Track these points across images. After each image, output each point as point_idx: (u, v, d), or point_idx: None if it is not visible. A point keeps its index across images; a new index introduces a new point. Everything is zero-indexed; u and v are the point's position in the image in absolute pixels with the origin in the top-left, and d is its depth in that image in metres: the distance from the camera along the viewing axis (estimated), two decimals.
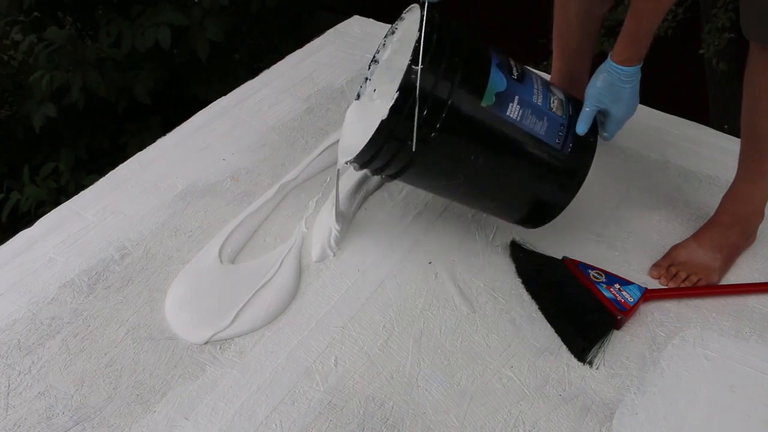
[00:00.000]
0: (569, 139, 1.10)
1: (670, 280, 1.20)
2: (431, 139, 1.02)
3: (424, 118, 1.00)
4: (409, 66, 0.97)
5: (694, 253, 1.22)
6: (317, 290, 1.17)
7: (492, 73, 1.03)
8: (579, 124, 1.10)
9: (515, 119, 1.05)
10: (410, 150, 1.02)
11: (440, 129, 1.02)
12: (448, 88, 1.00)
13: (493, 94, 1.03)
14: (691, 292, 1.18)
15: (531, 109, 1.06)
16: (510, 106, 1.04)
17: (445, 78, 1.00)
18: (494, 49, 1.08)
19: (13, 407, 0.98)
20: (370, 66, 1.18)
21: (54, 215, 1.28)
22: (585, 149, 1.11)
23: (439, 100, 1.00)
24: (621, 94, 1.07)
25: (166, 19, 2.36)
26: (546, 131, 1.07)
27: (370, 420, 0.98)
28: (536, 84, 1.09)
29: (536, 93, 1.07)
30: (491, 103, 1.03)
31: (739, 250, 1.24)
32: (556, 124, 1.08)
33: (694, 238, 1.24)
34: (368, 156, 1.06)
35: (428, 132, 1.02)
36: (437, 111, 1.01)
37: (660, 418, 1.00)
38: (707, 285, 1.20)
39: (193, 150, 1.46)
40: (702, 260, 1.21)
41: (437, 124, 1.01)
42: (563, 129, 1.09)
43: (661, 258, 1.24)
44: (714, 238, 1.22)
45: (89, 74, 2.33)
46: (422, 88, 0.98)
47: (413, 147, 1.01)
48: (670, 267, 1.21)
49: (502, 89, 1.04)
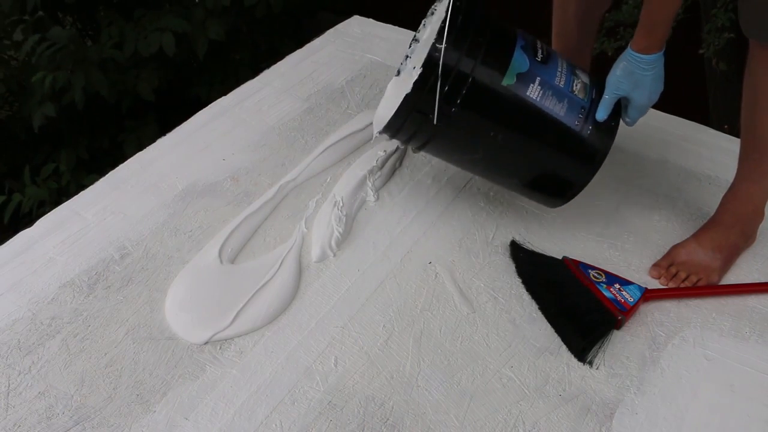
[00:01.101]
0: (589, 122, 1.12)
1: (670, 279, 1.20)
2: (452, 113, 1.08)
3: (446, 94, 1.06)
4: (433, 44, 1.03)
5: (694, 253, 1.22)
6: (317, 290, 1.17)
7: (516, 54, 1.08)
8: (599, 111, 1.12)
9: (535, 99, 1.08)
10: (432, 123, 1.07)
11: (461, 105, 1.07)
12: (470, 66, 1.06)
13: (515, 74, 1.07)
14: (690, 292, 1.18)
15: (552, 90, 1.09)
16: (531, 86, 1.08)
17: (468, 56, 1.06)
18: (522, 33, 1.12)
19: (13, 407, 0.98)
20: (411, 44, 1.21)
21: (54, 215, 1.28)
22: (605, 133, 1.14)
23: (460, 77, 1.06)
24: (641, 81, 1.08)
25: (170, 24, 2.36)
26: (566, 113, 1.10)
27: (370, 420, 0.98)
28: (561, 67, 1.12)
29: (559, 75, 1.11)
30: (512, 83, 1.07)
31: (739, 250, 1.24)
32: (577, 107, 1.11)
33: (695, 237, 1.24)
34: (394, 128, 1.13)
35: (449, 107, 1.07)
36: (458, 87, 1.06)
37: (660, 418, 1.00)
38: (707, 285, 1.20)
39: (193, 150, 1.46)
40: (702, 260, 1.21)
41: (458, 100, 1.06)
42: (584, 111, 1.12)
43: (661, 258, 1.24)
44: (714, 238, 1.22)
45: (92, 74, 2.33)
46: (445, 64, 1.04)
47: (434, 120, 1.06)
48: (670, 267, 1.21)
49: (524, 70, 1.08)
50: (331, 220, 1.27)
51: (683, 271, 1.20)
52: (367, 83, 1.66)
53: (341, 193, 1.34)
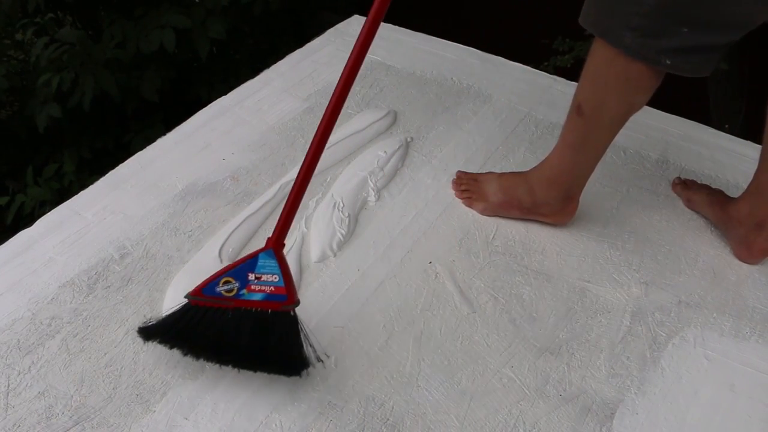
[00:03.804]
0: None
1: (458, 189, 1.36)
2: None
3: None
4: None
5: (488, 183, 1.32)
6: (317, 290, 1.17)
7: None
8: None
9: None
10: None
11: None
12: None
13: None
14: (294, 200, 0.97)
15: None
16: None
17: None
18: None
19: (12, 407, 0.98)
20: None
21: (54, 215, 1.28)
22: None
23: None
24: None
25: (171, 21, 2.36)
26: None
27: (370, 420, 0.98)
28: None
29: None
30: None
31: (520, 204, 1.28)
32: None
33: (501, 174, 1.34)
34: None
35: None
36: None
37: (660, 418, 1.00)
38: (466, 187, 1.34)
39: (193, 149, 1.46)
40: (488, 189, 1.31)
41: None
42: None
43: (473, 172, 1.38)
44: (510, 183, 1.30)
45: (100, 75, 2.34)
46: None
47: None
48: (470, 181, 1.35)
49: None
50: (332, 221, 1.27)
51: (471, 190, 1.33)
52: (367, 83, 1.66)
53: (341, 194, 1.34)
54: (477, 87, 1.68)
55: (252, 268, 0.94)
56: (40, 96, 2.39)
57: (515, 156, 1.48)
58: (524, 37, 2.61)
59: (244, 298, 0.93)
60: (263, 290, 0.93)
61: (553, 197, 1.25)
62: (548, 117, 1.58)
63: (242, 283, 0.93)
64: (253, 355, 0.96)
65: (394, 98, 1.62)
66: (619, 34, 1.03)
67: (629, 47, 1.03)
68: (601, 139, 1.17)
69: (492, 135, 1.53)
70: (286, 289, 0.93)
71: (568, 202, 1.26)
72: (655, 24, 1.00)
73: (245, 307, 0.93)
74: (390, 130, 1.52)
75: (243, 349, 0.95)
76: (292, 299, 0.94)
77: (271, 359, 0.96)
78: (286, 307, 0.93)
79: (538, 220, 1.29)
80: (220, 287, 0.94)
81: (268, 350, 0.95)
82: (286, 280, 0.93)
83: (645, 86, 1.08)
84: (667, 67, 1.03)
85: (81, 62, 2.34)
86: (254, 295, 0.92)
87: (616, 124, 1.15)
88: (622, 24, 1.02)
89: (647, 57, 1.03)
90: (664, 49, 1.02)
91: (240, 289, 0.93)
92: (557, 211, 1.27)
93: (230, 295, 0.93)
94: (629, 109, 1.12)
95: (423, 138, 1.51)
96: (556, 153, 1.23)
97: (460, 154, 1.47)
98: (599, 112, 1.13)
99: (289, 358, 0.95)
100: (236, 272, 0.94)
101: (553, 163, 1.23)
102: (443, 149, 1.48)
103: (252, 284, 0.93)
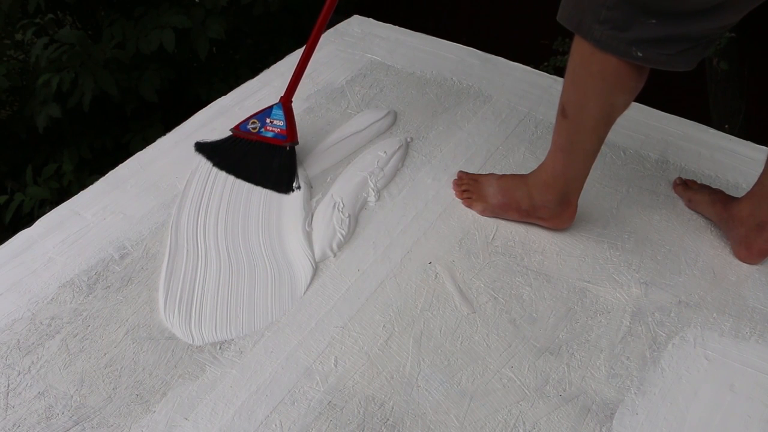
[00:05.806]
0: None
1: (458, 188, 1.36)
2: None
3: None
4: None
5: (488, 184, 1.33)
6: (317, 290, 1.17)
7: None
8: None
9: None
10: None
11: None
12: None
13: None
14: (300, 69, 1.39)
15: None
16: None
17: None
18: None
19: (12, 407, 0.98)
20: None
21: (53, 215, 1.28)
22: None
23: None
24: None
25: (170, 21, 2.36)
26: None
27: (370, 420, 0.98)
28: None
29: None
30: None
31: (519, 206, 1.28)
32: None
33: (501, 176, 1.34)
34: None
35: None
36: None
37: (660, 418, 1.00)
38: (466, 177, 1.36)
39: (193, 150, 1.45)
40: (487, 191, 1.32)
41: None
42: None
43: (474, 173, 1.39)
44: (510, 186, 1.30)
45: (99, 75, 2.34)
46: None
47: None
48: (469, 183, 1.35)
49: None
50: (332, 221, 1.27)
51: (471, 190, 1.34)
52: (367, 83, 1.66)
53: (341, 194, 1.34)
54: (477, 87, 1.68)
55: (269, 114, 1.37)
56: (40, 96, 2.39)
57: (515, 156, 1.48)
58: (524, 37, 2.62)
59: (261, 134, 1.38)
60: (274, 131, 1.36)
61: (550, 201, 1.24)
62: (548, 117, 1.58)
63: (262, 124, 1.38)
64: (259, 173, 1.36)
65: (394, 98, 1.62)
66: (590, 27, 1.03)
67: (599, 40, 1.02)
68: (586, 141, 1.15)
69: (492, 135, 1.53)
70: (287, 131, 1.36)
71: (566, 206, 1.25)
72: (622, 15, 1.00)
73: (261, 141, 1.38)
74: (390, 131, 1.52)
75: (253, 167, 1.37)
76: (291, 139, 1.37)
77: (270, 178, 1.35)
78: (287, 144, 1.36)
79: (537, 224, 1.29)
80: (249, 125, 1.38)
81: (270, 171, 1.36)
82: (289, 125, 1.36)
83: (625, 86, 1.07)
84: (641, 60, 1.02)
85: (81, 62, 2.34)
86: (268, 133, 1.37)
87: (601, 126, 1.13)
88: (593, 18, 1.02)
89: (618, 50, 1.02)
90: (634, 40, 1.00)
91: (260, 129, 1.38)
92: (555, 216, 1.26)
93: (254, 131, 1.38)
94: (611, 110, 1.10)
95: (423, 138, 1.51)
96: (549, 156, 1.22)
97: (460, 154, 1.47)
98: (581, 113, 1.12)
99: (283, 179, 1.34)
100: (259, 117, 1.38)
101: (548, 167, 1.23)
102: (443, 149, 1.48)
103: (267, 126, 1.37)
